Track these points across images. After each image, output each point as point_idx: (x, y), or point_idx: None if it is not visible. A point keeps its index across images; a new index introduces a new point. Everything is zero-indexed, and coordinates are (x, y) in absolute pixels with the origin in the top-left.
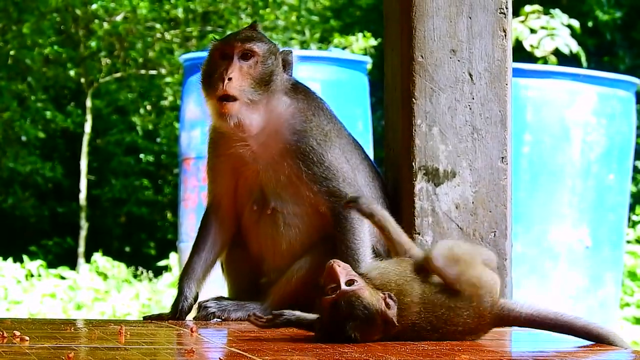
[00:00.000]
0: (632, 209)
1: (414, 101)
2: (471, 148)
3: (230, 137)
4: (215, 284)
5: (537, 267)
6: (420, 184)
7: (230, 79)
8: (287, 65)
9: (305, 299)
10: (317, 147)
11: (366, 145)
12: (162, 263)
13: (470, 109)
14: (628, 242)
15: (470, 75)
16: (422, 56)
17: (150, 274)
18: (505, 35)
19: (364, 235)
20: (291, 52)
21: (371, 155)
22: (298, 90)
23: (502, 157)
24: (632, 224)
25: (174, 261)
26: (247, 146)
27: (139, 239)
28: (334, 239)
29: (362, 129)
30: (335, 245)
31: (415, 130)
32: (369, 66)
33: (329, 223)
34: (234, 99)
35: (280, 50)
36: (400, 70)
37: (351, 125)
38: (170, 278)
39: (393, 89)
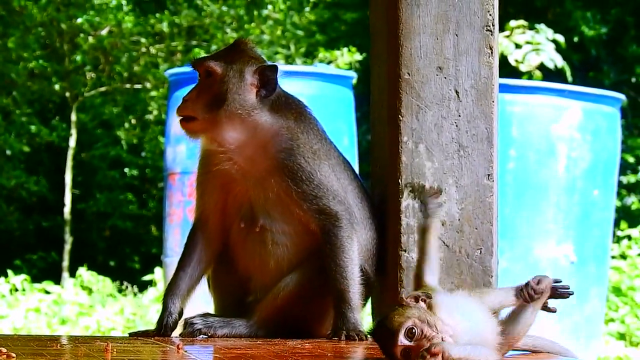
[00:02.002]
0: (617, 224)
1: (401, 118)
2: (457, 165)
3: (215, 152)
4: (201, 301)
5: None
6: (407, 201)
7: (186, 100)
8: (265, 81)
9: (291, 316)
10: (306, 165)
11: (352, 160)
12: (147, 277)
13: (456, 126)
14: (613, 257)
15: (457, 92)
16: (408, 73)
17: (135, 289)
18: (492, 53)
19: (354, 253)
20: (269, 68)
21: (357, 169)
22: (288, 106)
23: (488, 174)
24: (617, 240)
25: (159, 276)
26: (233, 162)
27: (123, 253)
28: (323, 256)
29: (348, 143)
30: (323, 262)
31: (401, 147)
32: (354, 81)
33: (317, 241)
34: (192, 118)
35: (257, 66)
36: (387, 87)
37: (337, 140)
38: (155, 293)
39: (379, 106)
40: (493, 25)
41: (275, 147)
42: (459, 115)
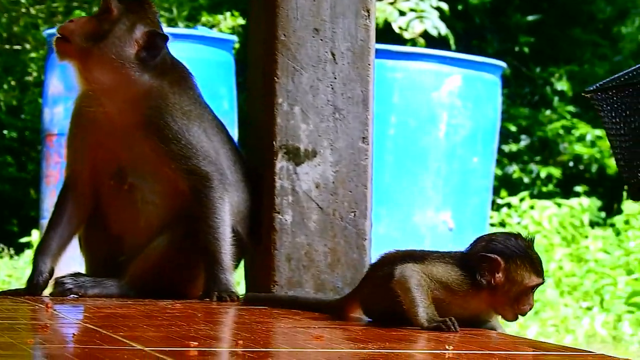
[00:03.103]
0: (497, 192)
1: (276, 80)
2: (332, 128)
3: (87, 103)
4: (75, 261)
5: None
6: (281, 163)
7: (71, 21)
8: (150, 45)
9: (163, 276)
10: (174, 125)
11: (231, 124)
12: (24, 240)
13: (332, 88)
14: (492, 225)
15: (333, 54)
16: (284, 35)
17: (12, 251)
18: (369, 15)
19: (225, 214)
20: (160, 36)
21: (236, 134)
22: (169, 70)
23: (364, 138)
24: (497, 207)
25: (36, 237)
26: (103, 111)
27: (1, 216)
28: (194, 217)
29: (228, 107)
30: (195, 223)
31: (276, 109)
32: (236, 45)
33: (189, 201)
34: (68, 40)
35: (150, 29)
36: (263, 48)
37: (216, 104)
38: (31, 255)
39: (256, 68)
40: None
41: (144, 104)
42: (335, 78)
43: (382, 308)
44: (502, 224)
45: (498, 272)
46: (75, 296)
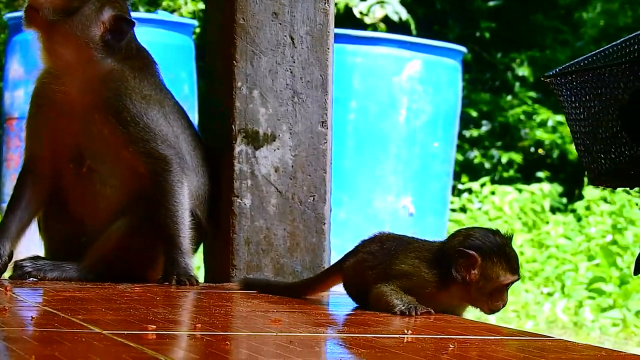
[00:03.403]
0: (458, 177)
1: (235, 64)
2: (291, 112)
3: (49, 80)
4: (34, 245)
5: (361, 234)
6: (240, 147)
7: None
8: (115, 29)
9: (122, 260)
10: (132, 107)
11: (191, 108)
12: None
13: (291, 72)
14: (453, 210)
15: (292, 38)
16: (243, 18)
17: None
18: (328, 0)
19: (184, 198)
20: (126, 21)
21: (196, 118)
22: (132, 55)
23: (323, 122)
24: (458, 193)
25: None
26: (63, 91)
27: None
28: (153, 200)
29: (188, 91)
30: (154, 207)
31: (235, 93)
32: (197, 30)
33: (148, 185)
34: (36, 10)
35: (117, 13)
36: (222, 32)
37: (177, 88)
38: None
39: (214, 52)
40: None
41: (104, 85)
42: (294, 62)
43: (358, 285)
44: (463, 210)
45: (474, 268)
46: (34, 279)
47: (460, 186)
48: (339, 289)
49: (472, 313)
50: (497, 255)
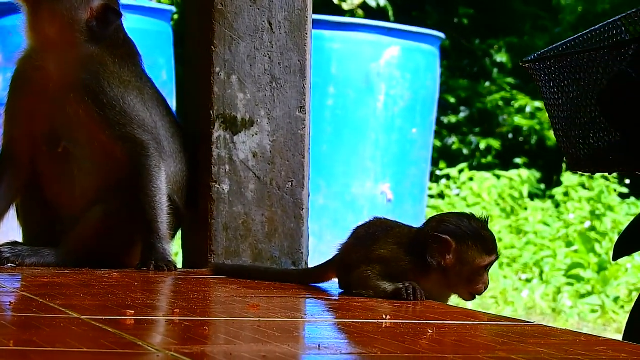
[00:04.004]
0: (437, 164)
1: (213, 49)
2: (270, 97)
3: (30, 60)
4: (13, 231)
5: (339, 220)
6: (218, 132)
7: None
8: (102, 18)
9: (100, 245)
10: (109, 91)
11: (170, 94)
12: None
13: (269, 58)
14: (431, 196)
15: (270, 24)
16: (222, 4)
17: None
18: None
19: (162, 183)
20: (114, 11)
21: (174, 104)
22: (117, 44)
23: (301, 107)
24: (436, 179)
25: None
26: (42, 71)
27: None
28: (131, 186)
29: (166, 78)
30: (132, 192)
31: (214, 78)
32: (175, 16)
33: (125, 170)
34: None
35: (105, 2)
36: (201, 18)
37: (155, 75)
38: None
39: (193, 37)
40: None
41: (83, 68)
42: (272, 47)
43: (345, 268)
44: (441, 196)
45: (449, 253)
46: (13, 265)
47: (438, 172)
48: None
49: (450, 299)
50: (471, 238)
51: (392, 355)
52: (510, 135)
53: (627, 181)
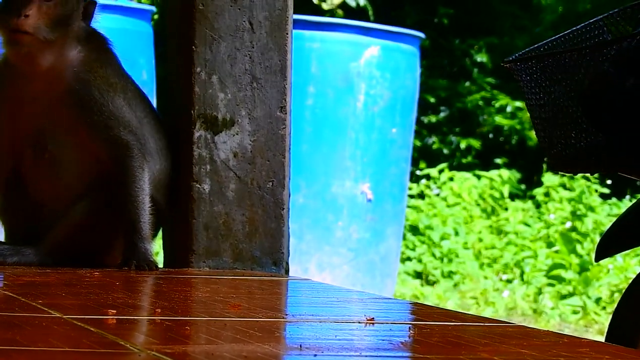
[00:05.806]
0: (417, 164)
1: (194, 49)
2: (250, 97)
3: (16, 73)
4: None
5: (319, 220)
6: (199, 132)
7: (27, 15)
8: (87, 14)
9: (82, 244)
10: (99, 97)
11: (150, 94)
12: None
13: (250, 57)
14: (411, 196)
15: (251, 23)
16: (202, 4)
17: None
18: None
19: (144, 183)
20: (91, 3)
21: (154, 105)
22: (93, 40)
23: (282, 107)
24: (416, 179)
25: None
26: (30, 85)
27: None
28: (114, 186)
29: (147, 77)
30: (114, 192)
31: (194, 78)
32: (155, 16)
33: (109, 170)
34: (27, 33)
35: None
36: (181, 17)
37: (136, 74)
38: None
39: (173, 37)
40: None
41: (71, 76)
42: (253, 47)
43: None
44: (421, 196)
45: None
46: None
47: (418, 172)
48: (297, 274)
49: (431, 300)
50: None
51: (374, 355)
52: (491, 135)
53: (609, 182)
